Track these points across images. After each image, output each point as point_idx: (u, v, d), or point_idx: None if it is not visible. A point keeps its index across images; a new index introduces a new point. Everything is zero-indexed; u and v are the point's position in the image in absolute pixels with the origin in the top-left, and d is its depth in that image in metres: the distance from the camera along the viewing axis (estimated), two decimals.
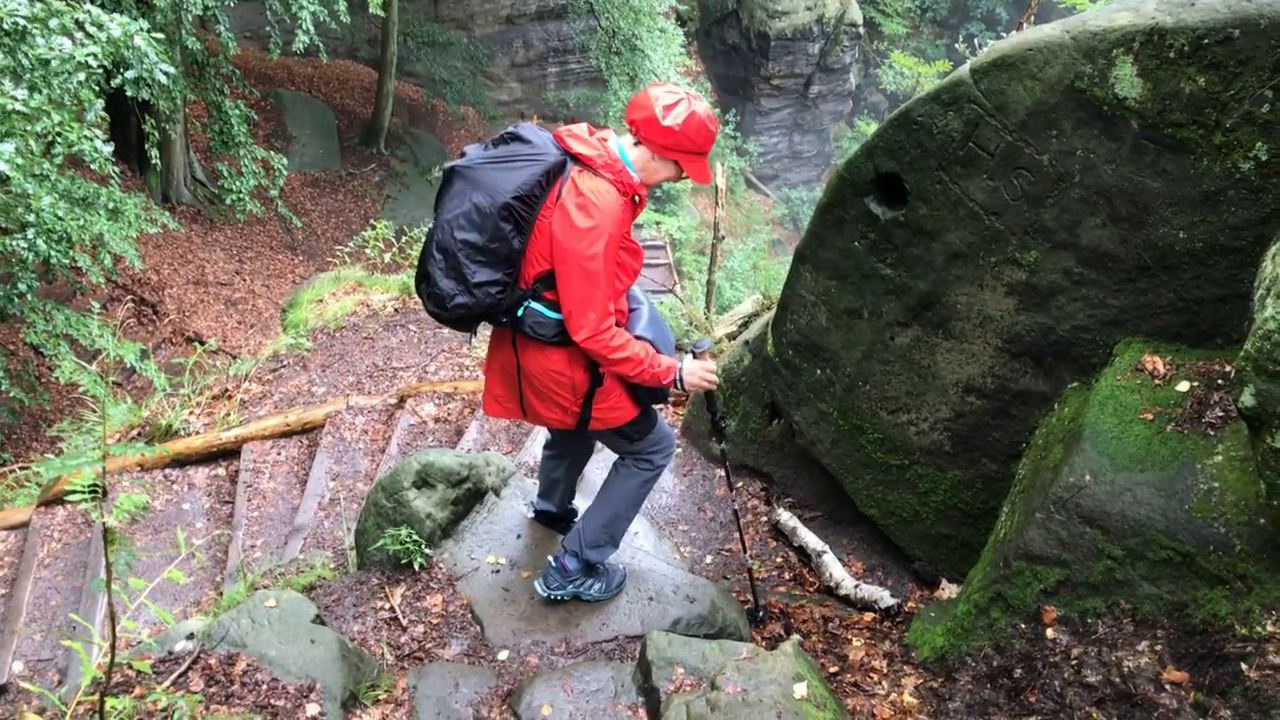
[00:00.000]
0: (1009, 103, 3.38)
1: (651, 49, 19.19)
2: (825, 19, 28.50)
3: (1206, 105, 3.02)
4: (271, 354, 7.63)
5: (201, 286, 13.92)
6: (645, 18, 19.44)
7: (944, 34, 32.71)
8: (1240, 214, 3.07)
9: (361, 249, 9.59)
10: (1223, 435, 3.01)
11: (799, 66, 29.13)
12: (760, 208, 29.18)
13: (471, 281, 3.09)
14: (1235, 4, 2.95)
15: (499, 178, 3.06)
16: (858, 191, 3.96)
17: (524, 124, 3.27)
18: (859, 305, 4.13)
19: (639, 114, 3.15)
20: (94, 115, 7.20)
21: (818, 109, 30.53)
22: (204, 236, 14.86)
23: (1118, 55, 3.12)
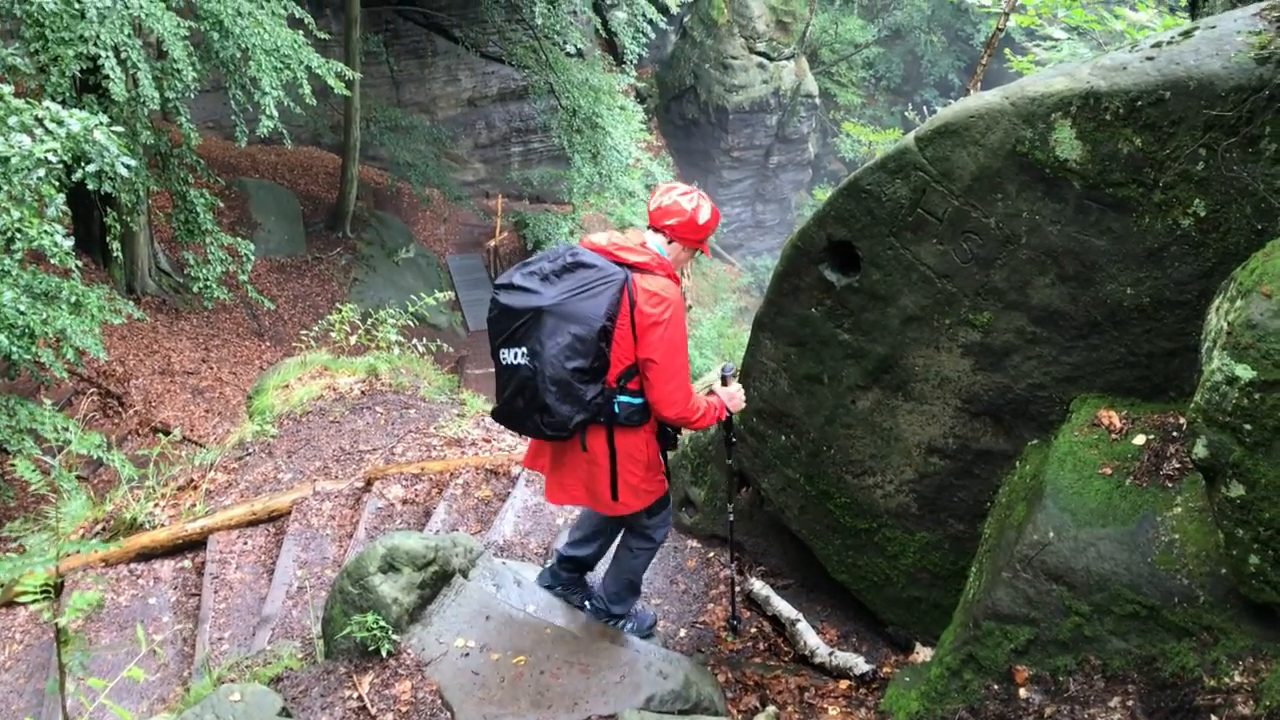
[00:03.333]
0: (954, 169, 3.45)
1: (612, 126, 19.46)
2: (782, 91, 29.04)
3: (1144, 165, 3.10)
4: (237, 442, 7.56)
5: (168, 376, 13.83)
6: (605, 96, 19.75)
7: (898, 101, 33.37)
8: (1184, 269, 3.13)
9: (327, 333, 9.58)
10: (1180, 487, 3.04)
11: (758, 138, 29.60)
12: (726, 276, 29.42)
13: (586, 399, 3.51)
14: (1165, 67, 3.05)
15: (587, 307, 3.46)
16: (812, 260, 4.02)
17: (578, 247, 3.63)
18: (819, 371, 4.16)
19: (675, 219, 3.68)
20: (54, 210, 7.21)
21: (778, 178, 30.97)
22: (170, 326, 14.80)
23: (1056, 119, 3.21)
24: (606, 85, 20.04)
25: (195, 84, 11.04)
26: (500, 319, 3.54)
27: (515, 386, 3.53)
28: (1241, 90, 2.90)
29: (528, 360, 3.46)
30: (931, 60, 32.86)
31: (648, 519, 4.06)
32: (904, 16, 32.47)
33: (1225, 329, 2.64)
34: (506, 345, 3.53)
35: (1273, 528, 2.54)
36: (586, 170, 19.79)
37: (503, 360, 3.55)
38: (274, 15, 11.81)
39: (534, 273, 3.55)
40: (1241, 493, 2.58)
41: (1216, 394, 2.59)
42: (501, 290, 3.57)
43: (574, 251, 3.57)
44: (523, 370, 3.48)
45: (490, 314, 3.60)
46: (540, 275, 3.52)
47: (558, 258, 3.57)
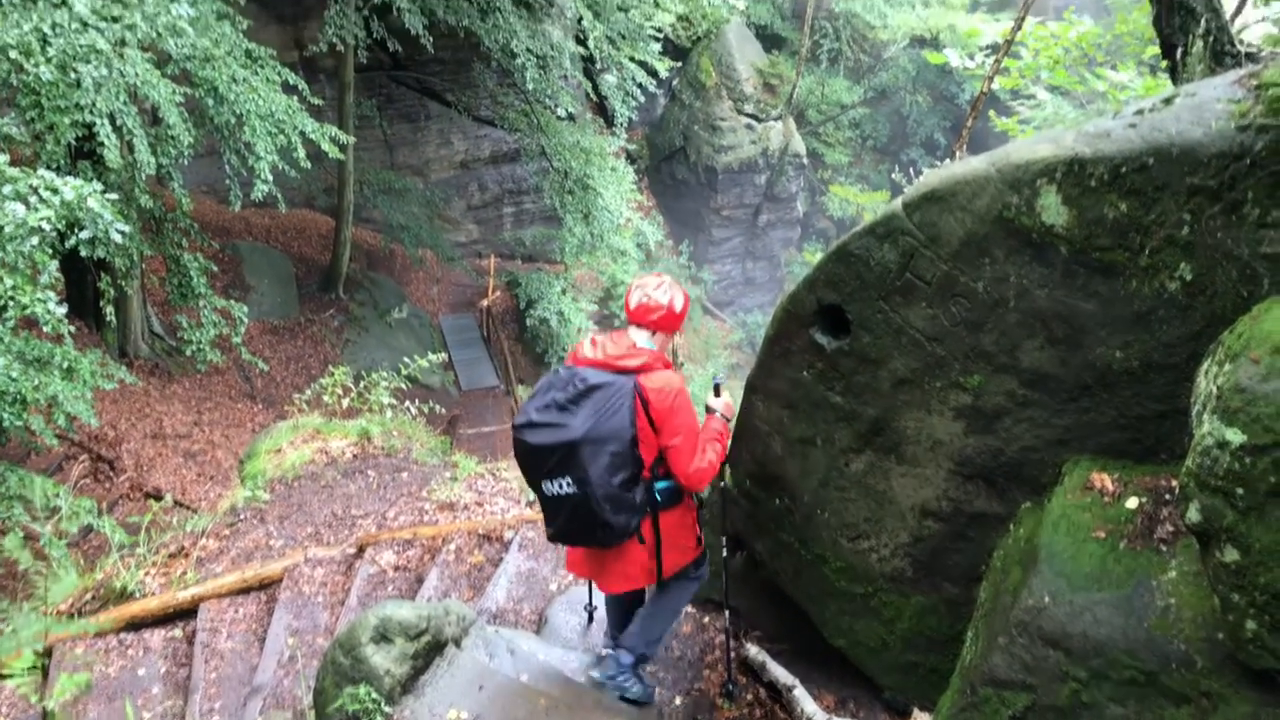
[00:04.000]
0: (942, 234, 3.49)
1: (604, 187, 19.63)
2: (770, 152, 29.35)
3: (1130, 229, 3.14)
4: (229, 508, 7.52)
5: (159, 440, 13.77)
6: (596, 158, 19.95)
7: (885, 160, 33.72)
8: (1172, 332, 3.16)
9: (320, 396, 9.57)
10: (1175, 550, 3.04)
11: (747, 197, 29.86)
12: (718, 333, 29.50)
13: (636, 502, 3.83)
14: (1147, 134, 3.10)
15: (615, 424, 3.73)
16: (802, 323, 4.04)
17: (583, 370, 3.84)
18: (812, 433, 4.17)
19: (656, 314, 3.99)
20: (48, 277, 7.23)
21: (768, 236, 31.20)
22: (162, 389, 14.77)
23: (1042, 185, 3.25)
24: (597, 147, 20.25)
25: (190, 149, 11.12)
26: (533, 456, 3.74)
27: (568, 513, 3.76)
28: (1223, 157, 2.94)
29: (576, 488, 3.69)
30: (917, 120, 33.27)
31: (694, 568, 4.39)
32: (889, 78, 32.92)
33: (1215, 393, 2.66)
34: (548, 478, 3.72)
35: (1269, 593, 2.54)
36: (578, 230, 19.93)
37: (547, 492, 3.75)
38: (268, 82, 11.95)
39: (550, 405, 3.73)
40: (1236, 558, 2.58)
41: (1208, 458, 2.59)
42: (525, 430, 3.74)
43: (581, 377, 3.78)
44: (573, 498, 3.71)
45: (519, 450, 3.79)
46: (558, 406, 3.73)
47: (568, 385, 3.78)
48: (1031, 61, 9.49)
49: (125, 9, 9.52)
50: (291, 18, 18.71)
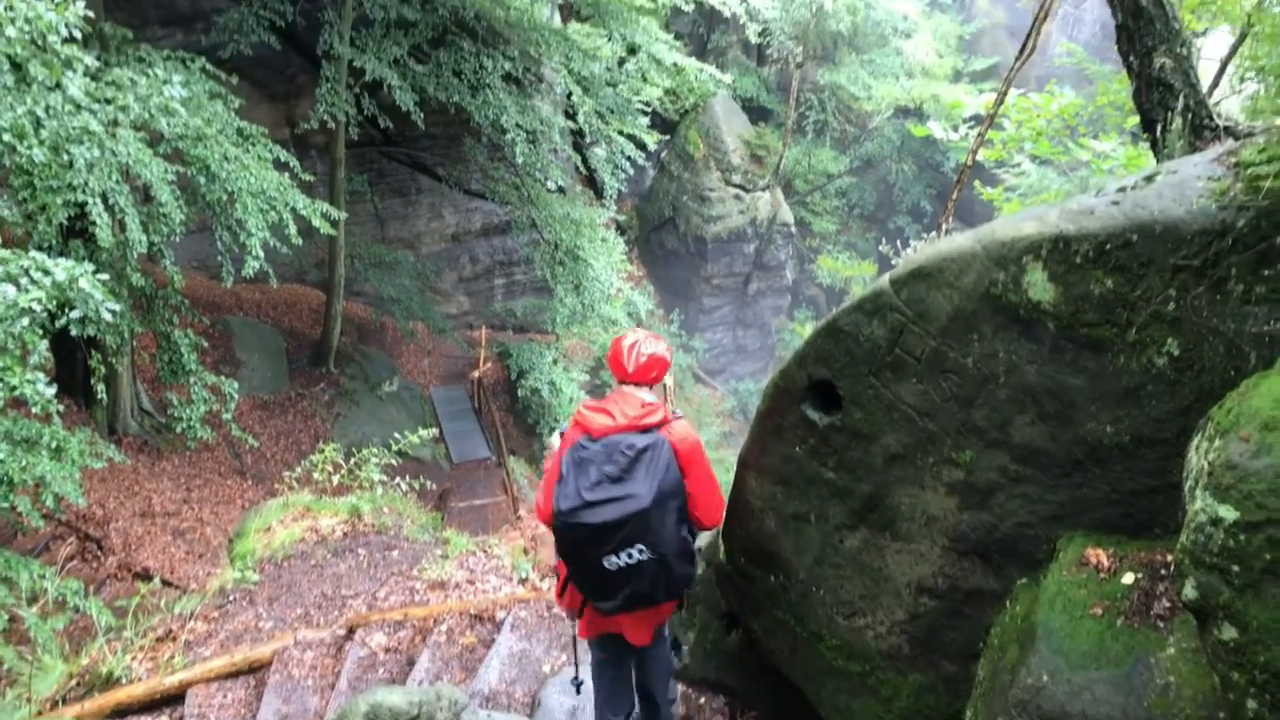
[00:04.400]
0: (930, 310, 3.51)
1: (594, 258, 19.78)
2: (758, 221, 29.65)
3: (1117, 305, 3.16)
4: (218, 589, 7.43)
5: (148, 518, 13.63)
6: (586, 229, 20.13)
7: (872, 227, 34.10)
8: (1161, 407, 3.17)
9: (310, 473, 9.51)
10: (1173, 627, 3.01)
11: (737, 266, 30.10)
12: (710, 401, 29.53)
13: (692, 548, 3.95)
14: (1130, 212, 3.14)
15: (670, 481, 3.79)
16: (794, 399, 4.05)
17: (625, 437, 3.80)
18: (805, 510, 4.15)
19: (659, 368, 4.08)
20: (37, 358, 7.21)
21: (758, 304, 31.39)
22: (151, 467, 14.66)
23: (1027, 262, 3.28)
24: (588, 219, 20.45)
25: (182, 227, 11.18)
26: (597, 536, 3.68)
27: (636, 580, 3.76)
28: (1206, 234, 2.98)
29: (649, 553, 3.71)
30: (903, 188, 33.70)
31: None
32: (875, 147, 33.40)
33: (1206, 469, 2.65)
34: (615, 552, 3.68)
35: (1269, 671, 2.51)
36: (569, 301, 20.03)
37: (609, 566, 3.71)
38: (260, 159, 12.06)
39: (601, 481, 3.69)
40: (1234, 635, 2.55)
41: (1202, 535, 2.58)
42: (583, 512, 3.66)
43: (628, 444, 3.76)
44: (646, 564, 3.73)
45: (575, 536, 3.71)
46: (611, 479, 3.69)
47: (614, 456, 3.73)
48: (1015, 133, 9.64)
49: (118, 91, 9.63)
50: (283, 96, 18.96)
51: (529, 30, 18.16)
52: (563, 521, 3.69)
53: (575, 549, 3.76)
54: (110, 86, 9.78)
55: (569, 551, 3.79)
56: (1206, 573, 2.58)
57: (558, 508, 3.70)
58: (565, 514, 3.69)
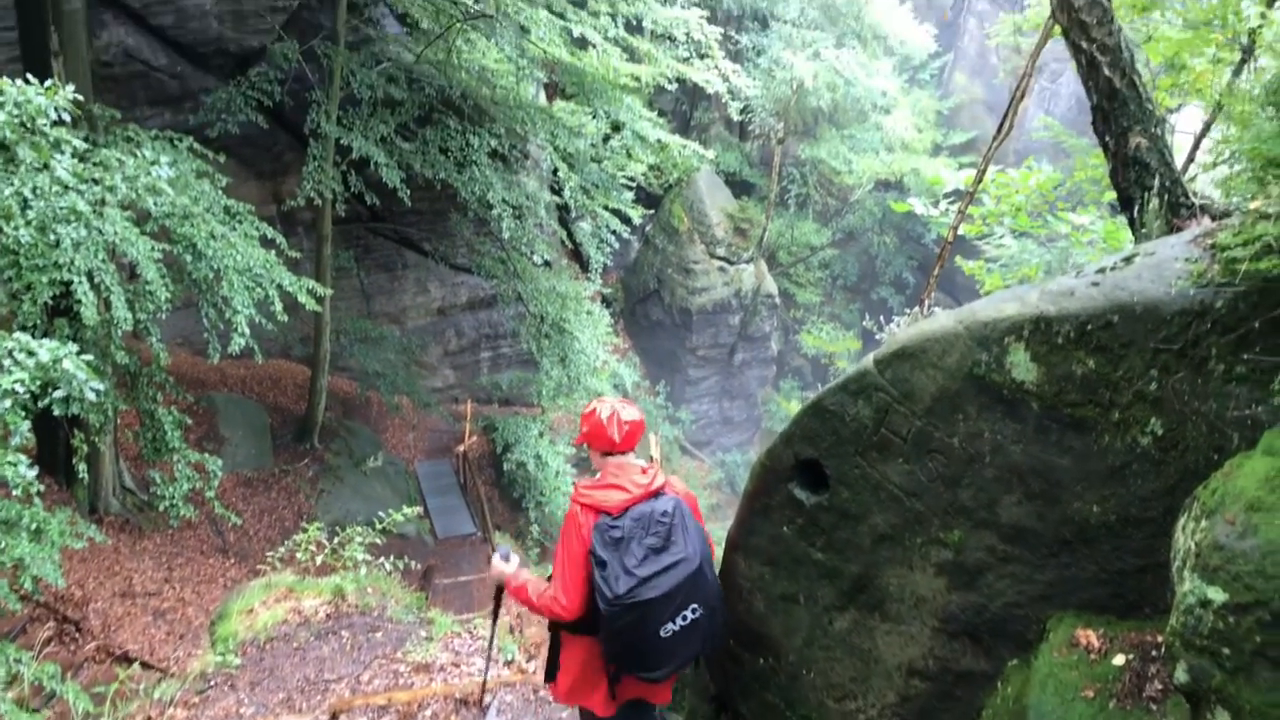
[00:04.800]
0: (914, 390, 3.53)
1: (580, 331, 19.84)
2: (743, 292, 29.85)
3: (1099, 385, 3.18)
4: (199, 674, 7.30)
5: (128, 598, 13.41)
6: (572, 302, 20.22)
7: (855, 298, 34.36)
8: (1146, 486, 3.17)
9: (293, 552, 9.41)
10: (1165, 709, 2.99)
11: (722, 337, 30.22)
12: (697, 473, 29.41)
13: None
14: (1110, 293, 3.18)
15: (702, 535, 3.87)
16: (781, 478, 4.04)
17: (654, 505, 3.83)
18: (794, 591, 4.12)
19: (641, 431, 4.05)
20: (19, 439, 7.15)
21: (744, 375, 31.46)
22: (132, 546, 14.47)
23: (1010, 343, 3.31)
24: (573, 292, 20.55)
25: (168, 304, 11.18)
26: (660, 606, 3.63)
27: (690, 641, 3.73)
28: (1185, 315, 3.01)
29: (702, 609, 3.72)
30: (885, 260, 34.05)
31: None
32: (856, 220, 33.81)
33: (1193, 550, 2.65)
34: (673, 617, 3.65)
35: None
36: (555, 374, 20.05)
37: (666, 633, 3.66)
38: (246, 237, 12.12)
39: (648, 554, 3.68)
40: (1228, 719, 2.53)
41: (1191, 617, 2.58)
42: (642, 588, 3.62)
43: (661, 511, 3.78)
44: (700, 620, 3.72)
45: (637, 615, 3.63)
46: (656, 550, 3.68)
47: (651, 526, 3.74)
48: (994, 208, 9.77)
49: (106, 171, 9.70)
50: (270, 173, 19.11)
51: (515, 108, 18.42)
52: (621, 605, 3.60)
53: (631, 628, 3.65)
54: (98, 167, 9.85)
55: (623, 630, 3.66)
56: (1197, 655, 2.57)
57: (613, 593, 3.60)
58: (623, 596, 3.60)
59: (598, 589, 3.66)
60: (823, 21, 29.17)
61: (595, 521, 3.77)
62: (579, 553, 3.77)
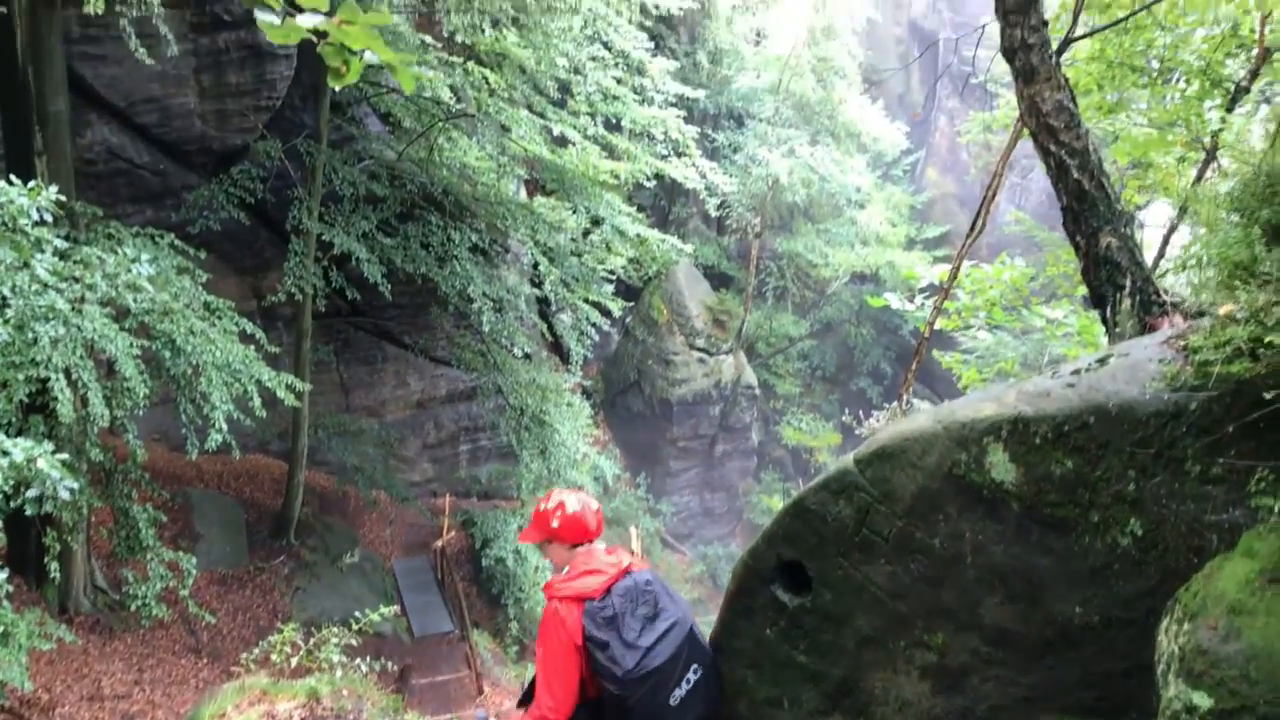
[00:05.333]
0: (895, 490, 3.54)
1: (560, 423, 19.82)
2: (723, 383, 29.97)
3: (1078, 486, 3.20)
4: None
5: (97, 701, 13.07)
6: (552, 394, 20.24)
7: (835, 389, 34.55)
8: (1128, 587, 3.17)
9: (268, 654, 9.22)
10: None
11: (702, 428, 30.25)
12: (678, 567, 29.15)
13: None
14: (1086, 394, 3.22)
15: (681, 596, 3.94)
16: (763, 580, 4.02)
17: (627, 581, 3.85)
18: (778, 694, 4.06)
19: (600, 511, 4.06)
20: None
21: (724, 467, 31.42)
22: (102, 647, 14.15)
23: (988, 443, 3.33)
24: (554, 384, 20.59)
25: (145, 400, 11.12)
26: (664, 675, 3.66)
27: (695, 703, 3.75)
28: (1160, 416, 3.05)
29: (701, 666, 3.80)
30: (863, 351, 34.35)
31: None
32: (833, 311, 34.19)
33: (1177, 653, 2.65)
34: (679, 683, 3.70)
35: None
36: (535, 466, 19.97)
37: (674, 700, 3.69)
38: (226, 333, 12.12)
39: (644, 623, 3.72)
40: None
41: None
42: (646, 659, 3.64)
43: (644, 581, 3.84)
44: (699, 682, 3.77)
45: (644, 687, 3.64)
46: (649, 619, 3.73)
47: (640, 598, 3.77)
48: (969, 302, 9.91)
49: (86, 269, 9.74)
50: (251, 268, 19.20)
51: (496, 204, 18.67)
52: (634, 679, 3.61)
53: (644, 702, 3.65)
54: (79, 264, 9.89)
55: (635, 707, 3.66)
56: None
57: (623, 670, 3.61)
58: (633, 670, 3.62)
59: (604, 673, 3.66)
60: (797, 120, 29.85)
61: (581, 610, 3.75)
62: (565, 649, 3.73)
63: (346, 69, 1.74)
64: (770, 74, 29.31)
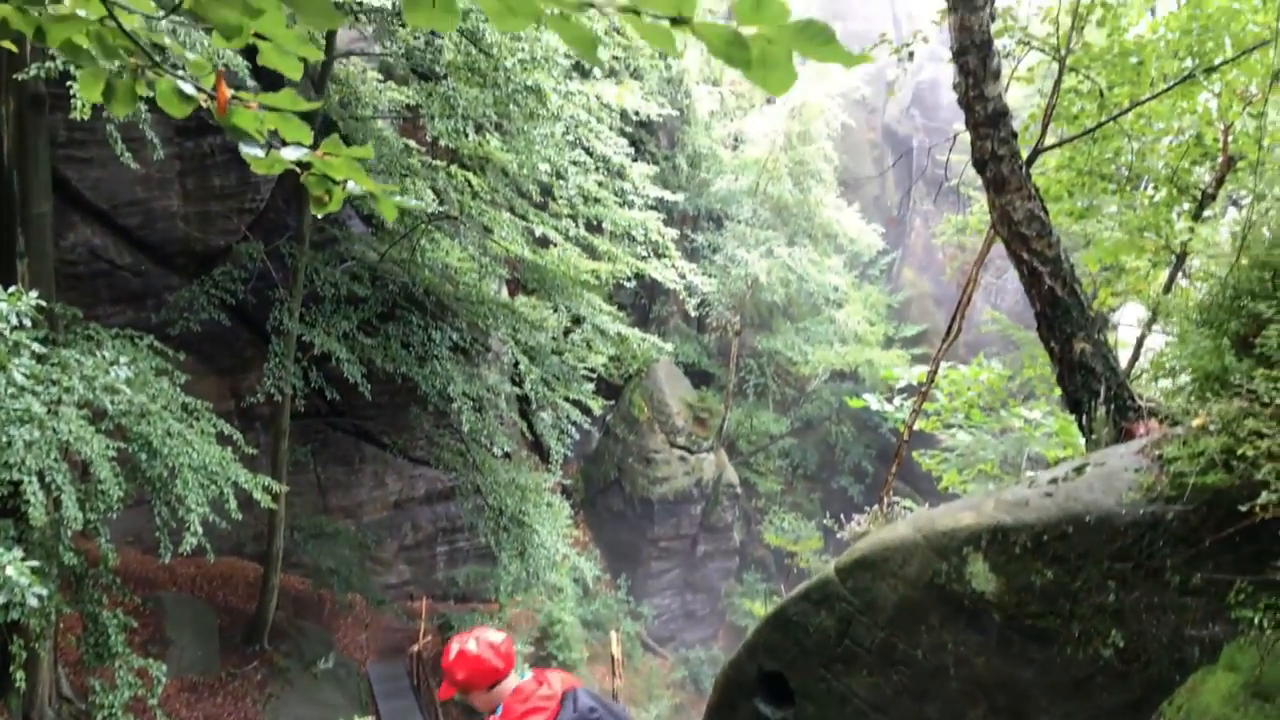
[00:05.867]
0: (877, 600, 3.51)
1: (539, 523, 19.65)
2: (704, 482, 29.88)
3: (1059, 596, 3.19)
4: None
5: None
6: (532, 494, 20.10)
7: (816, 487, 34.50)
8: (1112, 699, 3.14)
9: None
10: None
11: (683, 528, 30.04)
12: (659, 671, 28.64)
13: None
14: (1064, 503, 3.22)
15: (622, 709, 3.89)
16: (745, 692, 3.95)
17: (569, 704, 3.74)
18: None
19: (510, 642, 3.92)
20: None
21: (706, 567, 31.12)
22: None
23: (969, 552, 3.32)
24: (533, 484, 20.47)
25: (119, 503, 10.99)
26: None
27: None
28: (1138, 526, 3.06)
29: None
30: (844, 449, 34.40)
31: None
32: (814, 409, 34.32)
33: None
34: None
35: None
36: (514, 568, 19.75)
37: None
38: (203, 434, 12.06)
39: None
40: None
41: None
42: None
43: (590, 708, 3.69)
44: None
45: None
46: None
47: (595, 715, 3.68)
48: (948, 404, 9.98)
49: (64, 372, 9.70)
50: (230, 369, 19.16)
51: (477, 304, 18.79)
52: None
53: None
54: (56, 367, 9.86)
55: None
56: None
57: None
58: None
59: None
60: (775, 221, 30.37)
61: None
62: None
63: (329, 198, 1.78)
64: (748, 177, 29.91)
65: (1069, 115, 8.64)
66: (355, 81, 17.03)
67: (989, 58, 5.50)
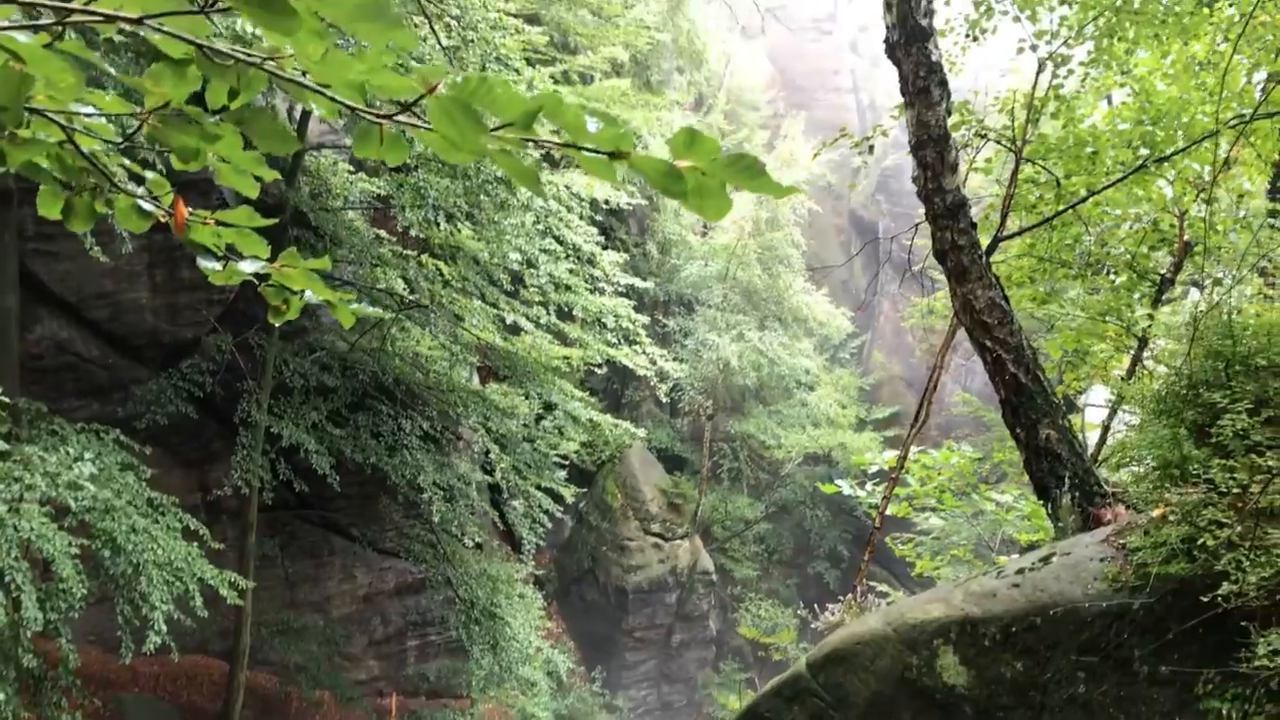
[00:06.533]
0: (848, 695, 3.48)
1: (511, 616, 19.36)
2: (679, 569, 29.61)
3: (1029, 688, 3.17)
4: None
5: None
6: (504, 585, 19.84)
7: (793, 573, 34.27)
8: None
9: None
10: None
11: (659, 617, 29.68)
12: None
13: None
14: (1031, 594, 3.22)
15: None
16: None
17: None
18: None
19: None
20: None
21: (682, 657, 30.67)
22: None
23: (939, 645, 3.31)
24: (505, 575, 20.22)
25: (82, 602, 10.75)
26: None
27: None
28: (1105, 616, 3.06)
29: None
30: (819, 534, 34.29)
31: None
32: (789, 493, 34.26)
33: None
34: None
35: None
36: (486, 662, 19.37)
37: None
38: (169, 530, 11.87)
39: None
40: None
41: None
42: None
43: None
44: None
45: None
46: None
47: None
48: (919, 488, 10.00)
49: (26, 469, 9.57)
50: (197, 461, 18.92)
51: (448, 392, 18.75)
52: None
53: None
54: (18, 464, 9.72)
55: None
56: None
57: None
58: None
59: None
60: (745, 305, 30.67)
61: None
62: None
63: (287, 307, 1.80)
64: (718, 262, 30.27)
65: (1028, 204, 8.83)
66: (326, 173, 17.19)
67: (946, 152, 5.63)
